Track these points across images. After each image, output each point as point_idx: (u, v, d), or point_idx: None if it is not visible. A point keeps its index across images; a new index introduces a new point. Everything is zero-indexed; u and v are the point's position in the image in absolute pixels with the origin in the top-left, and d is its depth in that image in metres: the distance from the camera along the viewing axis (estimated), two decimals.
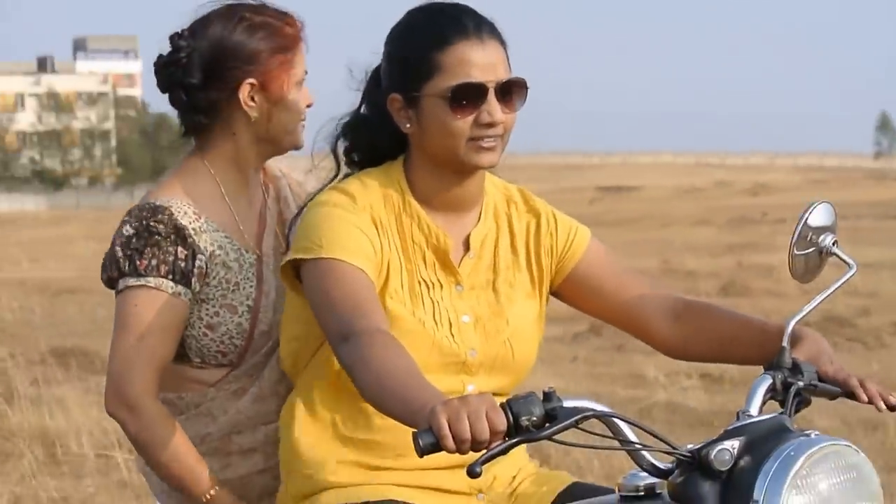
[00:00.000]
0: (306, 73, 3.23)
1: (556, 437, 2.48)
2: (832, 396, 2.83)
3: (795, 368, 2.78)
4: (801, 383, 2.75)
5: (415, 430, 2.42)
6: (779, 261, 19.13)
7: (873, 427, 8.62)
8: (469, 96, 2.85)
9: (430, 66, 2.86)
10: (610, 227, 32.65)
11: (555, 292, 3.11)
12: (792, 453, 2.48)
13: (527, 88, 2.91)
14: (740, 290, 17.71)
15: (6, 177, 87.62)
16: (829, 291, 2.83)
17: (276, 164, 3.37)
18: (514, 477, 3.05)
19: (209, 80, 3.17)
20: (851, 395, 2.80)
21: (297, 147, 3.23)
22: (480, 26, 2.89)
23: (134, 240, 3.10)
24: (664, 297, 3.08)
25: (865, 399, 2.78)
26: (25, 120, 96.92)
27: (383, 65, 2.98)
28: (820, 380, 2.80)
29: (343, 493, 2.91)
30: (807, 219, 2.85)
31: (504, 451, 2.43)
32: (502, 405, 2.43)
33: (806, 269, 2.88)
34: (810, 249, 2.86)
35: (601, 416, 2.54)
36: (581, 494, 2.94)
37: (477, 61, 2.86)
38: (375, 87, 3.00)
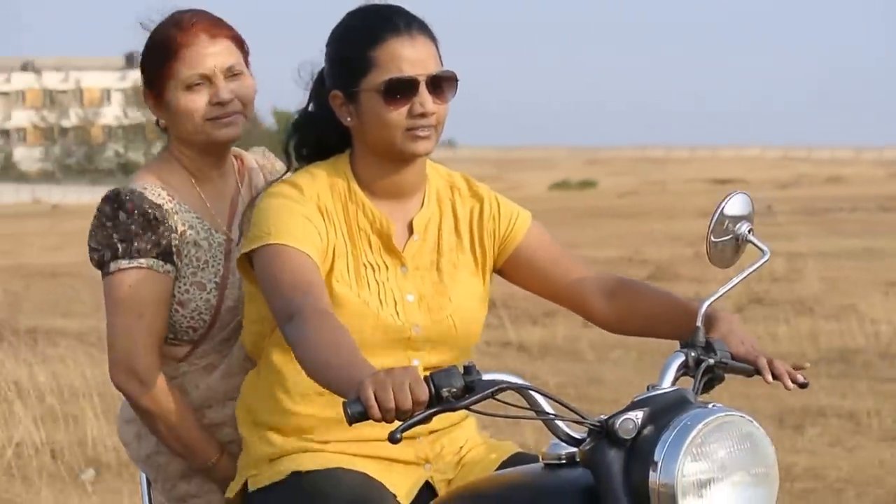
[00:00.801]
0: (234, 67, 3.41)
1: (474, 407, 2.68)
2: (745, 374, 3.02)
3: (709, 347, 2.98)
4: (711, 361, 2.95)
5: (344, 401, 2.63)
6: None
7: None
8: (402, 89, 3.07)
9: (366, 62, 3.09)
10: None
11: (499, 271, 3.33)
12: (689, 423, 2.68)
13: (456, 81, 3.13)
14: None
15: (91, 169, 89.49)
16: (742, 276, 3.03)
17: (252, 155, 3.60)
18: (462, 447, 3.25)
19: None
20: (760, 374, 3.00)
21: (219, 142, 3.43)
22: (411, 24, 3.11)
23: (121, 225, 3.34)
24: (600, 277, 3.30)
25: (771, 378, 2.99)
26: (111, 114, 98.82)
27: (325, 64, 3.21)
28: (733, 358, 3.00)
29: (295, 461, 3.12)
30: (723, 208, 3.05)
31: (424, 420, 2.63)
32: (425, 378, 2.63)
33: (723, 256, 3.08)
34: (727, 237, 3.06)
35: (517, 388, 2.75)
36: (522, 463, 3.13)
37: (408, 56, 3.08)
38: (321, 85, 3.23)
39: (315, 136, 3.25)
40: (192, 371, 3.44)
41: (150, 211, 3.34)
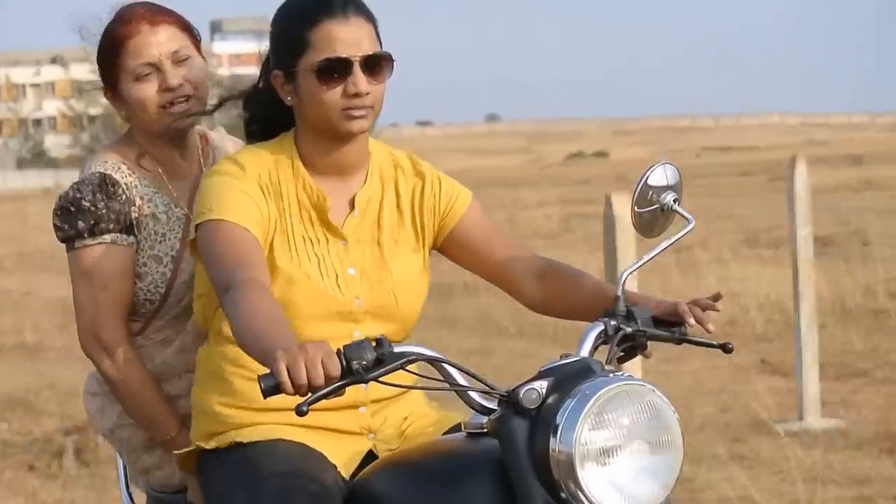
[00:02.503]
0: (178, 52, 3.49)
1: (384, 378, 2.74)
2: (668, 340, 3.05)
3: (629, 315, 3.01)
4: (629, 329, 2.98)
5: (259, 374, 2.70)
6: None
7: None
8: (335, 70, 3.13)
9: (302, 43, 3.15)
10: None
11: (439, 249, 3.38)
12: (587, 392, 2.71)
13: (392, 61, 3.19)
14: None
15: None
16: (665, 245, 3.06)
17: (216, 134, 3.69)
18: (405, 419, 3.31)
19: None
20: (681, 325, 3.04)
21: (173, 130, 3.51)
22: (346, 5, 3.16)
23: (83, 205, 3.45)
24: (531, 259, 3.35)
25: (693, 322, 3.02)
26: None
27: (269, 45, 3.28)
28: (655, 325, 3.03)
29: (241, 433, 3.19)
30: (647, 179, 3.08)
31: (333, 392, 2.68)
32: (337, 351, 2.69)
33: (648, 226, 3.10)
34: (652, 207, 3.09)
35: (429, 360, 2.80)
36: None
37: (342, 37, 3.14)
38: (269, 66, 3.29)
39: (263, 114, 3.33)
40: (148, 345, 3.53)
41: (110, 188, 3.45)
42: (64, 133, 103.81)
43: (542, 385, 2.79)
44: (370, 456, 3.23)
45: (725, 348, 3.09)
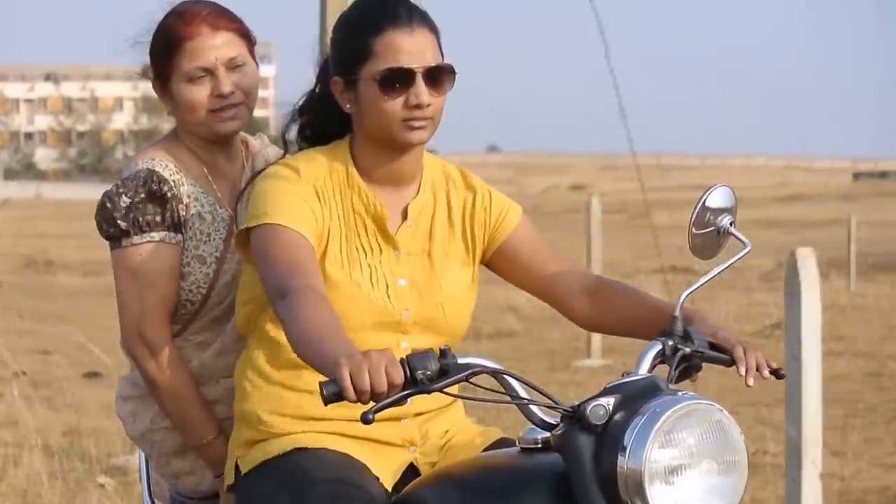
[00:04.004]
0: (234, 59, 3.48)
1: (449, 390, 2.73)
2: (722, 363, 3.05)
3: (686, 336, 3.01)
4: (688, 350, 2.98)
5: (321, 381, 2.68)
6: None
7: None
8: (398, 80, 3.12)
9: (365, 51, 3.14)
10: None
11: (486, 263, 3.38)
12: (657, 410, 2.72)
13: (454, 73, 3.18)
14: None
15: (102, 169, 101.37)
16: (722, 267, 3.06)
17: (256, 141, 3.67)
18: (447, 432, 3.30)
19: None
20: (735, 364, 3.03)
21: (219, 135, 3.50)
22: (411, 15, 3.16)
23: (131, 200, 3.42)
24: (581, 275, 3.35)
25: (744, 371, 3.00)
26: (122, 120, 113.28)
27: (330, 50, 3.27)
28: (711, 348, 3.03)
29: (284, 441, 3.18)
30: (705, 201, 3.09)
31: (398, 402, 2.67)
32: (401, 360, 2.67)
33: (704, 248, 3.11)
34: (709, 229, 3.09)
35: (492, 372, 2.79)
36: (506, 448, 3.16)
37: (406, 48, 3.13)
38: (327, 71, 3.29)
39: (319, 120, 3.31)
40: (187, 347, 3.50)
41: (157, 186, 3.42)
42: (53, 147, 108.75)
43: (608, 401, 2.78)
44: (411, 469, 3.23)
45: (778, 374, 3.07)
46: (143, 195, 3.42)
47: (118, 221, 3.42)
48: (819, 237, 27.62)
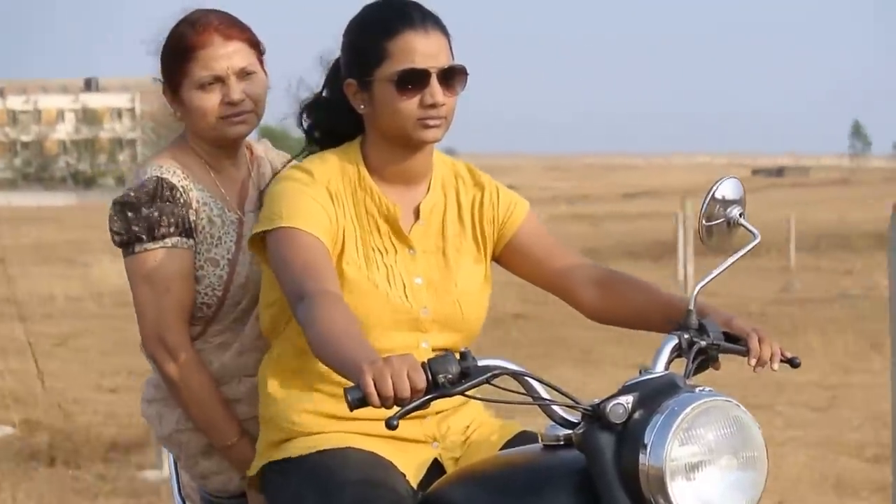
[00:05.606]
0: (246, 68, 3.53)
1: (469, 392, 2.76)
2: (738, 354, 3.07)
3: (702, 329, 3.04)
4: (703, 343, 3.00)
5: (345, 387, 2.72)
6: None
7: None
8: (413, 80, 3.17)
9: (380, 53, 3.19)
10: None
11: (496, 259, 3.42)
12: (676, 407, 2.75)
13: (466, 74, 3.23)
14: None
15: (45, 177, 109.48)
16: (733, 258, 3.08)
17: (260, 146, 3.73)
18: (468, 427, 3.35)
19: None
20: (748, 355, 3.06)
21: (228, 139, 3.55)
22: (425, 18, 3.21)
23: (141, 211, 3.46)
24: (590, 268, 3.38)
25: (755, 363, 3.05)
26: (64, 130, 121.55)
27: (341, 54, 3.31)
28: (727, 339, 3.05)
29: (310, 441, 3.22)
30: (714, 193, 3.12)
31: (421, 406, 2.71)
32: (422, 364, 2.71)
33: (715, 239, 3.13)
34: (718, 220, 3.12)
35: (512, 374, 2.82)
36: (526, 442, 3.22)
37: (421, 49, 3.17)
38: (336, 73, 3.33)
39: (328, 121, 3.36)
40: (207, 349, 3.55)
41: (167, 192, 3.47)
42: None
43: (627, 400, 2.81)
44: (435, 464, 3.27)
45: (793, 363, 3.10)
46: (153, 202, 3.46)
47: (131, 228, 3.46)
48: None
